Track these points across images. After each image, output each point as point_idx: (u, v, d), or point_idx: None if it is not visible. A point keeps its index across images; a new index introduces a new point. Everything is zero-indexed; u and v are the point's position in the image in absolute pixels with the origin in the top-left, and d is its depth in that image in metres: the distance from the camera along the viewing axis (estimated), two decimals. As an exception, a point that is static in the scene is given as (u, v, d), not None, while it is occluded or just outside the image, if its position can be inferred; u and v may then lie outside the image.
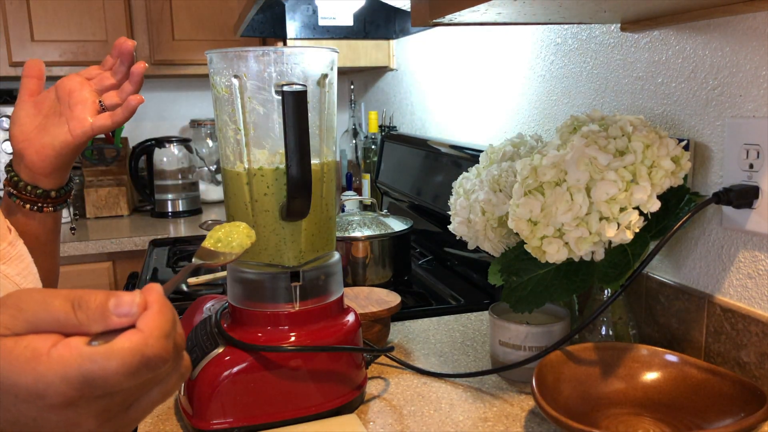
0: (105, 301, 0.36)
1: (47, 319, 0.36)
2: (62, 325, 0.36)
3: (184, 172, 2.28)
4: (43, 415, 0.36)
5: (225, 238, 0.56)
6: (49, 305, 0.36)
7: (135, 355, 0.35)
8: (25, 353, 0.35)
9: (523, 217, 0.73)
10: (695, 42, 0.81)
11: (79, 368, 0.34)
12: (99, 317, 0.36)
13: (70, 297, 0.36)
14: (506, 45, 1.28)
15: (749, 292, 0.76)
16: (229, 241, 0.56)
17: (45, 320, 0.36)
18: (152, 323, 0.36)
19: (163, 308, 0.37)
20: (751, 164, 0.73)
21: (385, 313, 0.91)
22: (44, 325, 0.36)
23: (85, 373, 0.34)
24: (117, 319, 0.36)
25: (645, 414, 0.70)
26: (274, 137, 0.71)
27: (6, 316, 0.36)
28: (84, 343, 0.35)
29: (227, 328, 0.73)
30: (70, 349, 0.35)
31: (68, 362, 0.34)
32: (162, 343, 0.36)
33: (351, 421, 0.73)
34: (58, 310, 0.36)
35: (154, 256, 1.67)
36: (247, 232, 0.57)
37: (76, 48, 2.16)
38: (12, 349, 0.35)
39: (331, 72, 0.74)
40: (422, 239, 1.56)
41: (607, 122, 0.76)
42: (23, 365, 0.34)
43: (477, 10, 0.65)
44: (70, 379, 0.34)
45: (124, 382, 0.35)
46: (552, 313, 0.88)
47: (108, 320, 0.36)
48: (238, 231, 0.57)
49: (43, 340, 0.35)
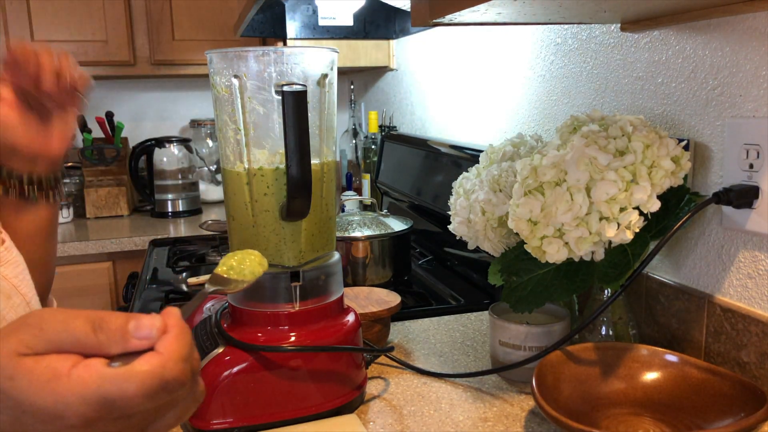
0: (125, 324, 0.37)
1: (68, 340, 0.36)
2: (83, 346, 0.36)
3: (184, 172, 2.28)
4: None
5: (237, 265, 0.57)
6: (70, 325, 0.36)
7: (154, 378, 0.36)
8: (45, 373, 0.35)
9: (523, 217, 0.73)
10: (695, 42, 0.81)
11: (99, 389, 0.35)
12: (119, 339, 0.37)
13: (90, 318, 0.37)
14: (506, 45, 1.28)
15: (749, 292, 0.76)
16: (241, 269, 0.57)
17: (66, 340, 0.36)
18: (171, 347, 0.37)
19: (182, 332, 0.38)
20: (751, 164, 0.73)
21: (385, 313, 0.91)
22: (65, 345, 0.36)
23: (105, 394, 0.35)
24: (137, 341, 0.37)
25: (645, 414, 0.70)
26: (274, 137, 0.71)
27: (28, 335, 0.36)
28: (104, 365, 0.36)
29: (227, 328, 0.73)
30: (89, 370, 0.35)
31: (88, 383, 0.35)
32: (180, 366, 0.37)
33: (351, 421, 0.73)
34: (79, 331, 0.36)
35: (154, 256, 1.67)
36: (260, 260, 0.58)
37: (76, 48, 2.16)
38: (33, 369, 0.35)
39: (331, 72, 0.74)
40: (422, 239, 1.56)
41: (607, 122, 0.76)
42: (43, 385, 0.35)
43: (477, 10, 0.65)
44: (89, 400, 0.35)
45: (143, 404, 0.36)
46: (552, 313, 0.88)
47: (128, 342, 0.37)
48: (250, 259, 0.57)
49: (63, 360, 0.36)
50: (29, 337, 0.36)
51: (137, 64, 2.26)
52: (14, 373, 0.35)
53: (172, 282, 1.40)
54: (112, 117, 2.35)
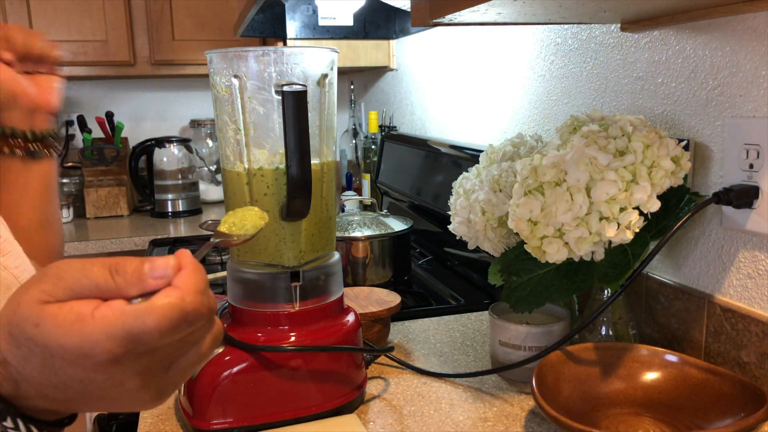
0: (140, 266, 0.39)
1: (88, 285, 0.37)
2: (102, 291, 0.38)
3: (184, 172, 2.28)
4: (90, 375, 0.37)
5: (239, 222, 0.57)
6: (88, 272, 0.38)
7: (174, 309, 0.37)
8: (69, 317, 0.36)
9: (523, 217, 0.73)
10: (695, 42, 0.81)
11: (123, 325, 0.36)
12: (136, 280, 0.38)
13: (107, 264, 0.38)
14: (506, 45, 1.28)
15: (749, 292, 0.76)
16: (243, 224, 0.57)
17: (86, 286, 0.37)
18: (188, 280, 0.38)
19: (197, 268, 0.39)
20: (751, 164, 0.73)
21: (385, 313, 0.91)
22: (85, 291, 0.38)
23: (129, 329, 0.36)
24: (153, 281, 0.38)
25: (645, 414, 0.70)
26: (274, 137, 0.71)
27: (48, 284, 0.37)
28: (125, 304, 0.37)
29: (227, 328, 0.73)
30: (112, 310, 0.37)
31: (112, 321, 0.36)
32: (198, 298, 0.38)
33: (351, 421, 0.73)
34: (97, 276, 0.38)
35: (154, 256, 1.67)
36: (260, 214, 0.59)
37: (76, 48, 2.16)
38: (57, 314, 0.36)
39: (331, 72, 0.74)
40: (422, 239, 1.56)
41: (607, 122, 0.76)
42: (69, 328, 0.36)
43: (477, 10, 0.65)
44: (115, 337, 0.36)
45: (165, 337, 0.37)
46: (552, 313, 0.88)
47: (145, 282, 0.38)
48: (250, 214, 0.58)
49: (85, 304, 0.37)
50: (50, 286, 0.37)
51: (137, 64, 2.26)
52: (40, 319, 0.36)
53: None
54: (112, 117, 2.35)
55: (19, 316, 0.37)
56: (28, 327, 0.37)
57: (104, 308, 0.37)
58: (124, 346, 0.36)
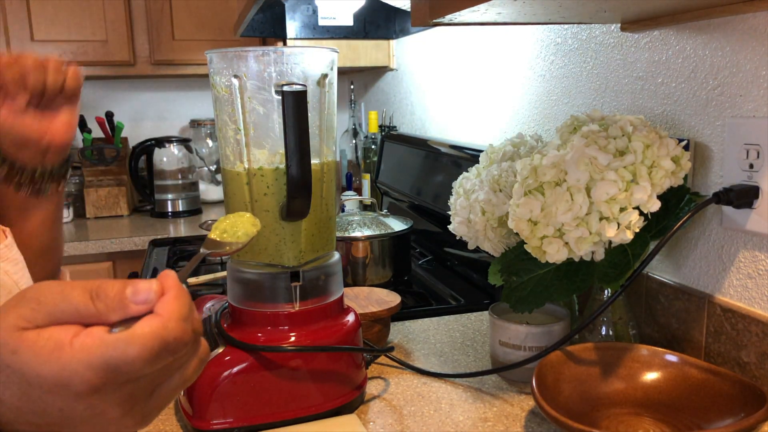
0: (122, 290, 0.37)
1: (67, 310, 0.36)
2: (82, 316, 0.37)
3: (184, 172, 2.28)
4: (70, 404, 0.36)
5: (230, 228, 0.56)
6: (68, 296, 0.36)
7: (155, 339, 0.36)
8: (48, 344, 0.35)
9: (523, 217, 0.73)
10: (695, 42, 0.81)
11: (102, 355, 0.35)
12: (117, 306, 0.37)
13: (87, 287, 0.37)
14: (506, 45, 1.28)
15: (749, 292, 0.76)
16: (234, 231, 0.56)
17: (65, 311, 0.36)
18: (170, 307, 0.37)
19: (180, 293, 0.38)
20: (751, 164, 0.73)
21: (385, 313, 0.91)
22: (65, 317, 0.36)
23: (108, 359, 0.35)
24: (135, 306, 0.37)
25: (645, 414, 0.70)
26: (274, 137, 0.71)
27: (27, 309, 0.36)
28: (105, 332, 0.36)
29: (227, 328, 0.73)
30: (92, 338, 0.36)
31: (91, 350, 0.35)
32: (181, 325, 0.37)
33: (351, 421, 0.73)
34: (77, 301, 0.36)
35: (154, 256, 1.67)
36: (252, 221, 0.57)
37: (76, 48, 2.16)
38: (35, 342, 0.35)
39: (331, 72, 0.74)
40: (422, 239, 1.56)
41: (607, 122, 0.76)
42: (48, 356, 0.35)
43: (477, 10, 0.65)
44: (94, 366, 0.35)
45: (147, 367, 0.36)
46: (552, 313, 0.88)
47: (127, 308, 0.37)
48: (242, 221, 0.57)
49: (65, 330, 0.36)
50: (28, 311, 0.36)
51: (137, 64, 2.26)
52: (17, 347, 0.35)
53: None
54: (112, 117, 2.35)
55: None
56: (5, 354, 0.35)
57: (84, 336, 0.36)
58: (103, 376, 0.35)
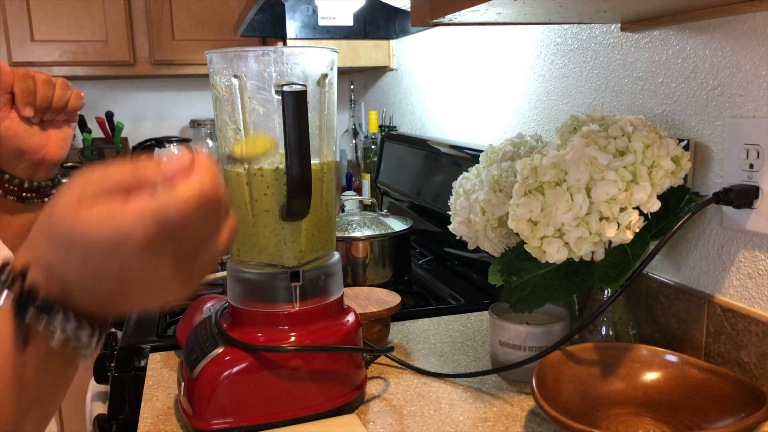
0: (158, 162, 0.42)
1: (113, 185, 0.41)
2: (126, 187, 0.41)
3: (184, 172, 2.27)
4: (127, 262, 0.40)
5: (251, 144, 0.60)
6: (111, 173, 0.41)
7: (195, 194, 0.40)
8: (102, 213, 0.40)
9: (523, 217, 0.73)
10: (695, 42, 0.81)
11: (151, 212, 0.39)
12: (155, 173, 0.41)
13: (126, 166, 0.42)
14: (506, 45, 1.28)
15: (749, 292, 0.76)
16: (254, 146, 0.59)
17: (111, 186, 0.41)
18: (204, 170, 0.41)
19: (211, 162, 0.42)
20: (751, 164, 0.73)
21: (385, 313, 0.91)
22: (111, 191, 0.41)
23: (157, 215, 0.39)
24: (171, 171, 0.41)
25: (645, 414, 0.70)
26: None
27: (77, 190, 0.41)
28: (149, 195, 0.41)
29: (227, 328, 0.73)
30: (140, 201, 0.40)
31: (141, 210, 0.39)
32: (216, 183, 0.41)
33: (351, 421, 0.73)
34: (120, 176, 0.41)
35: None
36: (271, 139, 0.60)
37: (76, 48, 2.16)
38: (90, 214, 0.40)
39: (331, 72, 0.74)
40: (422, 239, 1.56)
41: (607, 122, 0.76)
42: (103, 223, 0.39)
43: (477, 10, 0.65)
44: (145, 223, 0.39)
45: (190, 219, 0.40)
46: (552, 313, 0.88)
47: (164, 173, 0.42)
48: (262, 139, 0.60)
49: (114, 200, 0.40)
50: (79, 190, 0.41)
51: (137, 64, 2.26)
52: (75, 220, 0.40)
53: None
54: (112, 117, 2.35)
55: (56, 220, 0.41)
56: (66, 229, 0.40)
57: (132, 201, 0.40)
58: (154, 231, 0.39)
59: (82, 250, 0.40)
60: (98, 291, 0.42)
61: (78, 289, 0.42)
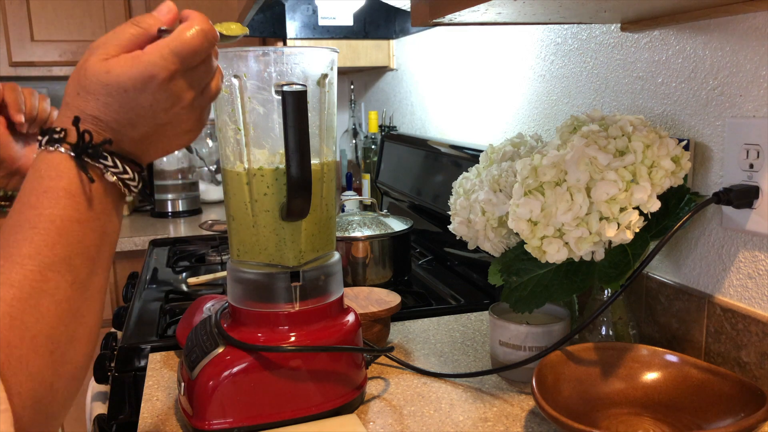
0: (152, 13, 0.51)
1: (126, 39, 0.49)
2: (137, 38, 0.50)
3: (184, 172, 2.28)
4: (156, 96, 0.49)
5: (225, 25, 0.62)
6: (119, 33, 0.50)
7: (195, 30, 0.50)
8: (127, 60, 0.48)
9: (523, 217, 0.73)
10: (695, 42, 0.81)
11: (168, 48, 0.49)
12: (154, 20, 0.51)
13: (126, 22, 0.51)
14: (506, 45, 1.28)
15: (749, 292, 0.76)
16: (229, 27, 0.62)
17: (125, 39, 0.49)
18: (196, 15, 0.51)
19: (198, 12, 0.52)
20: (751, 164, 0.73)
21: (385, 313, 0.91)
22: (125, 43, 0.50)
23: (173, 47, 0.49)
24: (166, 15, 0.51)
25: (645, 414, 0.70)
26: (274, 137, 0.71)
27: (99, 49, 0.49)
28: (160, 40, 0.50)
29: (227, 328, 0.73)
30: (155, 44, 0.49)
31: (159, 48, 0.49)
32: (209, 24, 0.51)
33: (351, 421, 0.73)
34: (128, 30, 0.50)
35: (154, 256, 1.67)
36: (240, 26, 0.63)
37: (76, 48, 2.17)
38: (117, 63, 0.48)
39: (331, 72, 0.74)
40: (422, 239, 1.56)
41: (607, 122, 0.76)
42: (131, 66, 0.48)
43: (477, 10, 0.65)
44: (166, 56, 0.49)
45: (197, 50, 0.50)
46: (552, 313, 0.88)
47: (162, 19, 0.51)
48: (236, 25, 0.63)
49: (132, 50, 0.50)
50: (101, 50, 0.49)
51: (137, 64, 2.26)
52: (108, 68, 0.48)
53: (172, 282, 1.40)
54: (112, 117, 2.35)
55: (90, 75, 0.48)
56: (101, 78, 0.48)
57: (149, 46, 0.49)
58: (174, 61, 0.49)
59: (119, 94, 0.48)
60: (138, 130, 0.50)
61: (122, 131, 0.50)
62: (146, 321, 1.11)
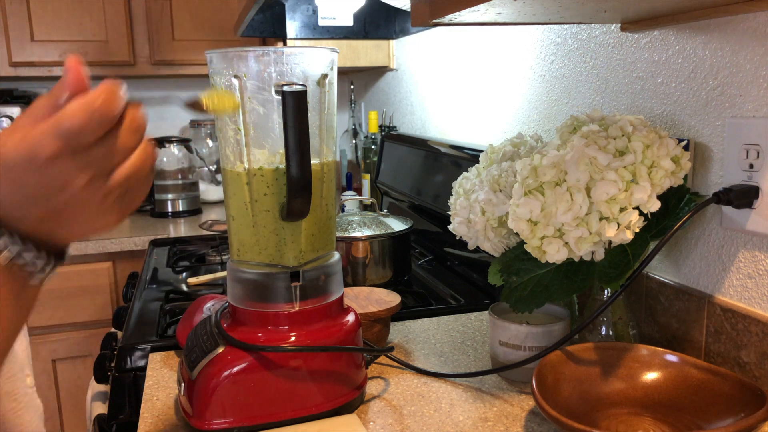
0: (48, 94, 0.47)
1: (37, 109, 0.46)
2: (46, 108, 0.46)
3: (184, 172, 2.28)
4: (42, 172, 0.45)
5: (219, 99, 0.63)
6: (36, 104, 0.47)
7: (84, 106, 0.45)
8: (16, 139, 0.45)
9: (523, 217, 0.73)
10: (695, 42, 0.81)
11: (50, 126, 0.45)
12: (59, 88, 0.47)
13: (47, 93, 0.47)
14: (506, 45, 1.28)
15: (749, 292, 0.76)
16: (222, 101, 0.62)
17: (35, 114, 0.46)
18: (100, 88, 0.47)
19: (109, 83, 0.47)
20: (751, 164, 0.73)
21: (385, 313, 0.91)
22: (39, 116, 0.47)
23: (54, 128, 0.44)
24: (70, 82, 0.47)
25: (645, 414, 0.70)
26: (274, 137, 0.71)
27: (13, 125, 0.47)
28: None
29: (227, 328, 0.73)
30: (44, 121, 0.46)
31: (42, 127, 0.45)
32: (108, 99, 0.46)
33: (351, 421, 0.73)
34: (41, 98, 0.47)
35: (154, 256, 1.67)
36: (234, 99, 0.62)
37: (76, 48, 2.16)
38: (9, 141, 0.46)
39: (331, 72, 0.74)
40: (422, 239, 1.56)
41: (607, 122, 0.76)
42: (19, 142, 0.45)
43: (477, 10, 0.65)
44: (47, 136, 0.44)
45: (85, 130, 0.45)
46: (552, 313, 0.88)
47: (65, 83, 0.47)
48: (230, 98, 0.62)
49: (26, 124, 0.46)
50: (15, 123, 0.47)
51: (137, 64, 2.26)
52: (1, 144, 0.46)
53: (172, 282, 1.40)
54: (112, 117, 2.35)
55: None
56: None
57: (40, 123, 0.45)
58: (55, 142, 0.44)
59: (7, 171, 0.45)
60: (31, 212, 0.47)
61: (14, 212, 0.46)
62: (146, 321, 1.11)
